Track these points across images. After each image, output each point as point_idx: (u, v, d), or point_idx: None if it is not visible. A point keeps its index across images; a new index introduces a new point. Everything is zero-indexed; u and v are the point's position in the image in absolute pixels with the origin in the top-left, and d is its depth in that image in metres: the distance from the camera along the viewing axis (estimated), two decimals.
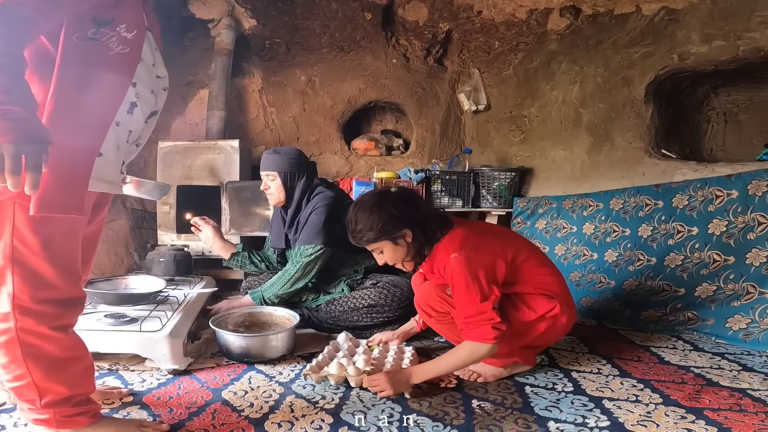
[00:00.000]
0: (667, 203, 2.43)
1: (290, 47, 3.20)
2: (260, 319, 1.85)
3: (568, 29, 2.92)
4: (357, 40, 3.19)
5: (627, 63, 2.73)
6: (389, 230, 1.39)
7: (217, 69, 3.00)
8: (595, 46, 2.86)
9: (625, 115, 2.75)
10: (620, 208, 2.62)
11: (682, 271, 2.24)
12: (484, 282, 1.32)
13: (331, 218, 1.93)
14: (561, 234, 2.84)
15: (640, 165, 2.70)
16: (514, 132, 3.29)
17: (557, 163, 3.08)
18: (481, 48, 3.27)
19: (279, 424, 1.15)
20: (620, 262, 2.52)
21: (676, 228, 2.35)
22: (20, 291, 0.90)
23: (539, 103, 3.16)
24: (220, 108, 2.98)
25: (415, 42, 3.25)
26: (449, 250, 1.37)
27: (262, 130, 3.29)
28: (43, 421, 0.98)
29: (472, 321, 1.30)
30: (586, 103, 2.93)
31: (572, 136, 3.01)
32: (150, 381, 1.40)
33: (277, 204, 2.03)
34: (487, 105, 3.36)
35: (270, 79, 3.26)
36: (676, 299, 2.17)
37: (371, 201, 1.42)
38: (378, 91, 3.37)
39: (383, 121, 3.68)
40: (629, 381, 1.48)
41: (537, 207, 3.00)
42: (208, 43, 3.07)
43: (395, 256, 1.44)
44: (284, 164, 1.97)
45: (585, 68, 2.91)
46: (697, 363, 1.65)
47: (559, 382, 1.46)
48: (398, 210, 1.39)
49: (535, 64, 3.16)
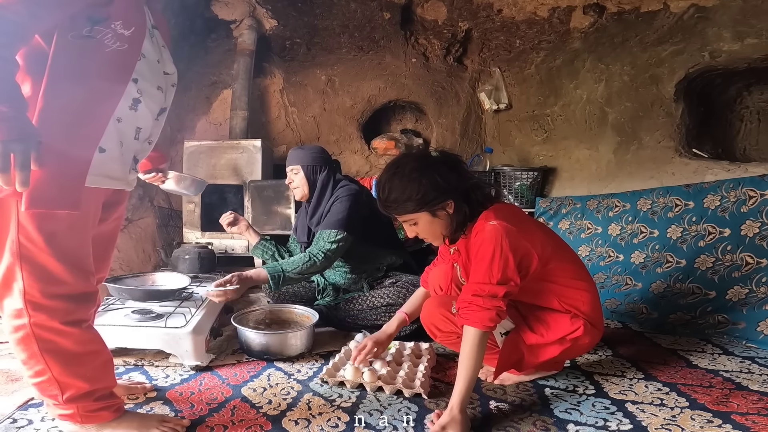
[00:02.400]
0: (698, 204, 2.35)
1: (310, 47, 3.23)
2: (280, 317, 1.87)
3: (592, 27, 2.86)
4: (376, 40, 3.19)
5: (655, 61, 2.65)
6: (430, 200, 1.20)
7: (240, 69, 3.06)
8: (621, 44, 2.79)
9: (654, 114, 2.67)
10: (648, 208, 2.54)
11: (713, 274, 2.15)
12: (512, 264, 1.16)
13: (355, 209, 1.91)
14: (585, 235, 2.78)
15: (670, 165, 2.61)
16: (536, 131, 3.23)
17: (581, 162, 3.01)
18: (501, 46, 3.23)
19: (296, 422, 1.17)
20: (648, 264, 2.44)
21: (708, 229, 2.27)
22: (30, 287, 0.91)
23: (563, 102, 3.10)
24: (243, 108, 3.04)
25: (434, 41, 3.23)
26: (489, 218, 1.21)
27: (284, 129, 3.33)
28: (68, 416, 1.00)
29: (478, 302, 1.15)
30: (612, 101, 2.86)
31: (597, 135, 2.93)
32: (173, 377, 1.43)
33: (302, 198, 2.03)
34: (509, 104, 3.31)
35: (291, 79, 3.30)
36: (706, 302, 2.09)
37: (411, 165, 1.22)
38: (397, 91, 3.36)
39: (403, 121, 3.68)
40: (654, 384, 1.43)
41: (560, 207, 2.94)
42: (230, 44, 3.14)
43: (431, 230, 1.27)
44: (306, 158, 1.99)
45: (611, 66, 2.84)
46: (727, 367, 1.59)
47: (580, 385, 1.42)
48: (442, 177, 1.21)
49: (558, 62, 3.10)
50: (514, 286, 1.17)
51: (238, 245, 2.81)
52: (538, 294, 1.31)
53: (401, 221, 1.28)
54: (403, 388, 1.33)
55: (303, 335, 1.65)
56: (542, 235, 1.31)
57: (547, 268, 1.26)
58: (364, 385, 1.37)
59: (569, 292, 1.31)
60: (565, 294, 1.31)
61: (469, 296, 1.17)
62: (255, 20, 3.08)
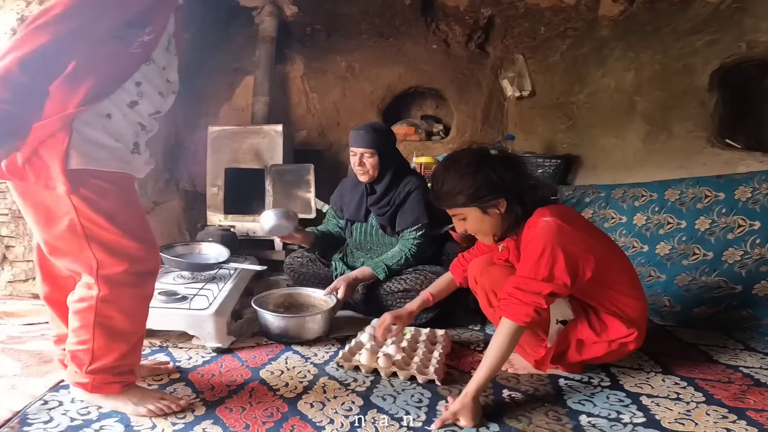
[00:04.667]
0: (728, 195, 2.28)
1: (330, 34, 3.22)
2: (299, 300, 1.91)
3: (622, 15, 2.76)
4: (396, 26, 3.15)
5: (689, 50, 2.56)
6: (482, 197, 1.20)
7: (262, 56, 3.08)
8: (652, 32, 2.70)
9: (686, 104, 2.59)
10: (676, 198, 2.47)
11: (741, 268, 2.09)
12: (561, 263, 1.13)
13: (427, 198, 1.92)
14: (609, 224, 2.71)
15: (701, 155, 2.52)
16: (560, 119, 3.15)
17: (607, 151, 2.93)
18: (525, 34, 3.14)
19: (311, 404, 1.21)
20: (673, 256, 2.38)
21: (737, 222, 2.20)
22: (103, 263, 0.99)
23: (589, 90, 3.01)
24: (265, 94, 3.07)
25: (455, 27, 3.17)
26: (543, 214, 1.19)
27: (304, 115, 3.35)
28: (81, 384, 1.07)
29: (518, 295, 1.14)
30: (642, 90, 2.77)
31: (625, 123, 2.85)
32: (195, 358, 1.48)
33: (368, 180, 1.99)
34: (532, 91, 3.23)
35: (311, 66, 3.30)
36: (731, 297, 2.04)
37: (467, 159, 1.22)
38: (418, 77, 3.33)
39: (423, 107, 3.64)
40: (672, 378, 1.41)
41: (584, 196, 2.88)
42: (252, 31, 3.15)
43: (480, 227, 1.27)
44: (382, 143, 1.95)
45: (641, 55, 2.76)
46: (747, 363, 1.55)
47: (596, 377, 1.41)
48: (498, 175, 1.20)
49: (584, 50, 3.01)
50: (562, 286, 1.14)
51: (259, 228, 2.87)
52: (593, 296, 1.29)
53: (451, 214, 1.29)
54: (416, 373, 1.35)
55: (320, 319, 1.68)
56: (600, 240, 1.29)
57: (603, 273, 1.23)
58: (378, 370, 1.39)
59: (623, 299, 1.29)
60: (618, 299, 1.29)
61: (511, 288, 1.17)
62: (276, 7, 3.08)
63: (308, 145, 3.29)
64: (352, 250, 2.18)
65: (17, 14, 2.14)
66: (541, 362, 1.34)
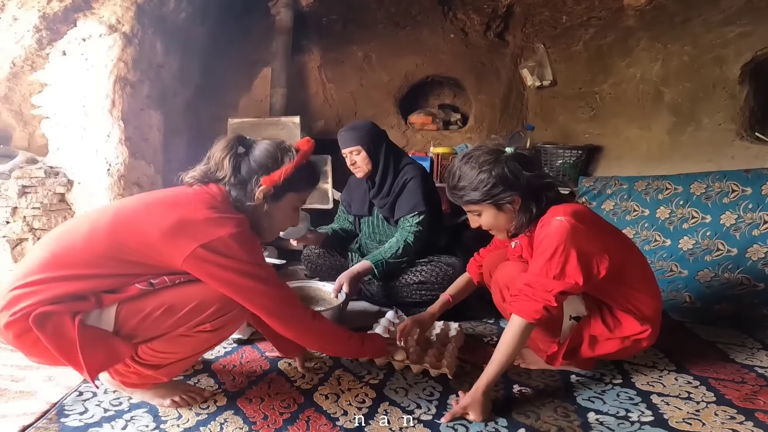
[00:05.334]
0: (756, 190, 2.22)
1: (346, 24, 3.20)
2: (309, 294, 1.91)
3: (650, 5, 2.64)
4: (413, 15, 3.11)
5: (720, 42, 2.46)
6: (497, 194, 1.22)
7: (279, 48, 3.10)
8: (681, 23, 2.59)
9: (716, 96, 2.49)
10: (702, 192, 2.40)
11: (765, 265, 2.05)
12: (573, 262, 1.14)
13: (426, 185, 1.98)
14: (631, 217, 2.66)
15: (730, 148, 2.44)
16: (582, 108, 3.07)
17: (631, 142, 2.86)
18: (546, 22, 3.04)
19: (326, 396, 1.26)
20: (696, 251, 2.33)
21: (764, 218, 2.15)
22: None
23: (613, 80, 2.92)
24: (282, 85, 3.09)
25: (473, 16, 3.10)
26: (557, 213, 1.19)
27: (322, 105, 3.37)
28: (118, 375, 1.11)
29: (528, 292, 1.16)
30: (669, 81, 2.67)
31: (651, 114, 2.76)
32: (218, 350, 1.54)
33: (364, 176, 2.04)
34: (553, 81, 3.15)
35: (328, 56, 3.30)
36: (753, 294, 2.00)
37: (483, 156, 1.24)
38: (435, 66, 3.29)
39: (441, 96, 3.61)
40: (685, 377, 1.41)
41: (605, 187, 2.82)
42: (269, 23, 3.16)
43: (494, 223, 1.28)
44: (365, 137, 1.98)
45: (669, 46, 2.66)
46: (763, 363, 1.54)
47: (608, 374, 1.42)
48: (512, 173, 1.21)
49: (608, 40, 2.91)
50: (574, 284, 1.14)
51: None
52: (607, 293, 1.30)
53: (466, 210, 1.31)
54: (429, 367, 1.38)
55: (330, 314, 1.68)
56: (614, 237, 1.30)
57: (618, 270, 1.23)
58: (392, 363, 1.43)
59: (637, 295, 1.29)
60: (633, 296, 1.29)
61: (522, 285, 1.19)
62: None
63: (326, 134, 3.31)
64: (366, 242, 2.22)
65: (38, 11, 2.20)
66: (553, 357, 1.35)
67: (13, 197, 2.21)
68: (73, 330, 0.93)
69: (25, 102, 2.52)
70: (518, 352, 1.20)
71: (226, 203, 1.13)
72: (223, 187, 1.15)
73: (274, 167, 1.16)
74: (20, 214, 2.23)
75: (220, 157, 1.15)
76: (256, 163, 1.16)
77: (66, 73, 2.30)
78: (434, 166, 2.92)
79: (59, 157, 2.36)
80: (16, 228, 2.22)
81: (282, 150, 1.19)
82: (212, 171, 1.16)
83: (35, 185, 2.25)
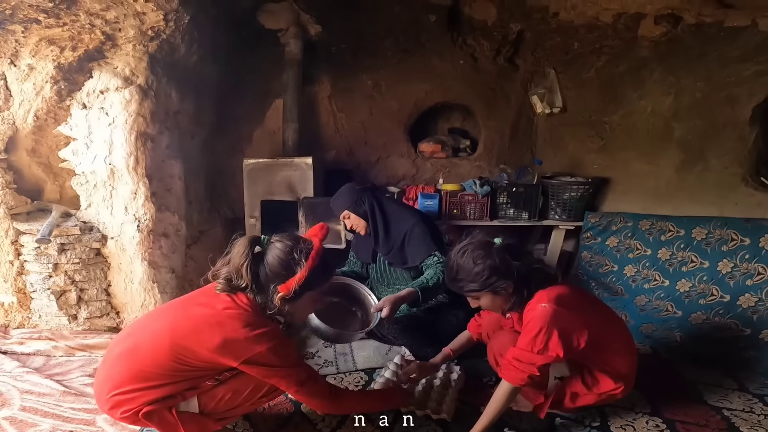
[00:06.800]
0: (754, 242, 2.32)
1: (356, 52, 3.20)
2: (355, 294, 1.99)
3: (665, 37, 2.58)
4: (422, 42, 3.09)
5: (734, 80, 2.43)
6: (492, 283, 1.41)
7: (289, 80, 3.13)
8: (697, 57, 2.54)
9: (725, 136, 2.50)
10: (703, 238, 2.49)
11: (753, 313, 2.20)
12: (555, 340, 1.34)
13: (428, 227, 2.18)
14: (633, 255, 2.76)
15: (734, 193, 2.48)
16: (592, 138, 3.07)
17: (639, 177, 2.88)
18: (557, 48, 3.00)
19: None
20: (692, 294, 2.46)
21: (758, 269, 2.28)
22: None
23: (623, 111, 2.91)
24: (294, 120, 3.15)
25: (483, 42, 3.07)
26: (542, 299, 1.40)
27: (333, 135, 3.42)
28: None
29: (516, 364, 1.38)
30: (681, 116, 2.66)
31: (660, 149, 2.77)
32: None
33: (365, 233, 2.28)
34: (563, 107, 3.14)
35: (338, 85, 3.32)
36: (739, 339, 2.16)
37: (475, 252, 1.43)
38: (444, 93, 3.29)
39: (450, 119, 3.61)
40: (656, 420, 1.62)
41: (610, 224, 2.89)
42: (278, 52, 3.17)
43: (492, 305, 1.49)
44: (347, 202, 2.23)
45: (682, 80, 2.62)
46: (732, 404, 1.73)
47: (588, 416, 1.63)
48: (503, 263, 1.40)
49: (621, 69, 2.86)
50: (555, 357, 1.36)
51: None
52: (587, 358, 1.49)
53: (466, 296, 1.51)
54: (430, 413, 1.60)
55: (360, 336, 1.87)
56: (593, 311, 1.51)
57: (597, 340, 1.42)
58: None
59: (614, 358, 1.51)
60: (610, 358, 1.50)
61: (511, 357, 1.41)
62: (300, 27, 3.06)
63: (338, 164, 3.40)
64: (376, 286, 2.39)
65: (53, 60, 2.28)
66: (539, 408, 1.56)
67: (54, 254, 2.41)
68: (174, 417, 1.29)
69: (52, 154, 2.66)
70: (505, 408, 1.46)
71: (257, 314, 1.33)
72: (250, 297, 1.34)
73: (289, 275, 1.32)
74: (62, 269, 2.43)
75: (239, 264, 1.33)
76: (272, 272, 1.34)
77: (88, 127, 2.40)
78: (442, 203, 3.00)
79: (92, 212, 2.52)
80: (59, 281, 2.43)
81: (293, 259, 1.33)
82: (234, 278, 1.34)
83: (72, 242, 2.43)
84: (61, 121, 2.50)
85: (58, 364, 2.11)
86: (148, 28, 2.27)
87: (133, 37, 2.28)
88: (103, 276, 2.50)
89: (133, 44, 2.32)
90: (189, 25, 2.43)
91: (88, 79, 2.40)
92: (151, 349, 1.28)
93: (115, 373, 1.31)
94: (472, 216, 3.01)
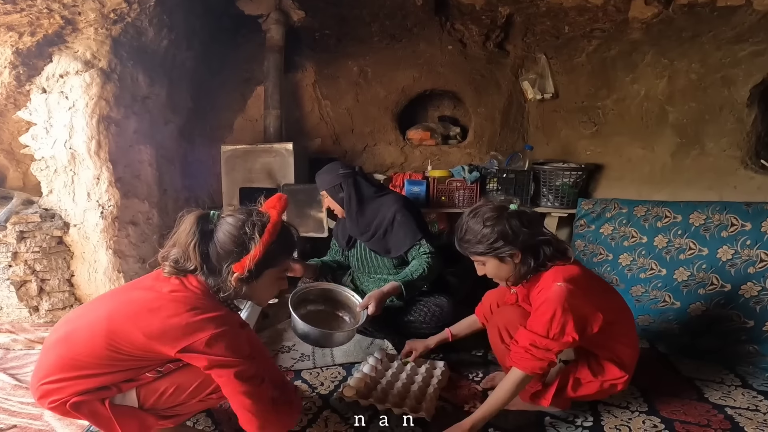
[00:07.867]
0: (755, 226, 2.17)
1: (340, 38, 3.09)
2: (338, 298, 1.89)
3: (656, 18, 2.49)
4: (409, 28, 2.98)
5: (730, 61, 2.32)
6: (499, 248, 1.34)
7: (270, 67, 3.01)
8: (690, 39, 2.44)
9: (722, 119, 2.39)
10: (701, 224, 2.36)
11: (756, 303, 2.05)
12: (571, 324, 1.27)
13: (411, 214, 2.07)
14: (628, 243, 2.63)
15: (733, 176, 2.36)
16: (584, 124, 2.98)
17: (633, 162, 2.78)
18: (548, 32, 2.91)
19: None
20: (690, 283, 2.32)
21: (760, 256, 2.12)
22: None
23: (616, 96, 2.81)
24: (276, 107, 3.03)
25: (472, 27, 2.97)
26: (557, 278, 1.32)
27: (318, 123, 3.30)
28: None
29: (533, 351, 1.28)
30: (675, 100, 2.56)
31: (654, 134, 2.67)
32: None
33: (342, 215, 2.19)
34: (555, 93, 3.04)
35: (323, 72, 3.21)
36: (741, 331, 2.02)
37: (487, 213, 1.37)
38: (433, 80, 3.18)
39: (440, 107, 3.50)
40: (653, 420, 1.48)
41: (604, 210, 2.77)
42: (260, 39, 3.06)
43: (497, 273, 1.41)
44: (325, 182, 2.14)
45: (676, 62, 2.52)
46: (735, 402, 1.59)
47: (581, 415, 1.49)
48: (513, 230, 1.33)
49: (612, 52, 2.77)
50: (572, 342, 1.28)
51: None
52: (596, 345, 1.42)
53: (473, 259, 1.44)
54: (408, 412, 1.46)
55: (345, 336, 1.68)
56: (607, 297, 1.43)
57: (608, 326, 1.35)
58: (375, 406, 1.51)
59: (621, 348, 1.44)
60: (617, 348, 1.43)
61: (526, 344, 1.31)
62: (282, 13, 2.95)
63: (323, 153, 3.27)
64: (357, 275, 2.28)
65: (11, 46, 2.16)
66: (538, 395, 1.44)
67: (13, 243, 2.25)
68: (106, 410, 1.14)
69: (15, 141, 2.52)
70: (513, 398, 1.35)
71: (207, 298, 1.16)
72: (201, 279, 1.17)
73: (242, 252, 1.14)
74: (21, 258, 2.28)
75: (186, 244, 1.14)
76: (223, 250, 1.15)
77: (48, 112, 2.27)
78: (430, 189, 2.88)
79: (53, 199, 2.37)
80: (19, 271, 2.27)
81: (245, 234, 1.15)
82: (182, 260, 1.16)
83: (32, 230, 2.27)
84: (22, 107, 2.36)
85: (15, 358, 2.01)
86: (109, 11, 2.16)
87: (95, 21, 2.17)
88: (66, 266, 2.34)
89: (95, 28, 2.21)
90: (156, 8, 2.32)
91: (48, 64, 2.27)
92: (86, 335, 1.14)
93: (47, 361, 1.18)
94: (461, 203, 2.89)
